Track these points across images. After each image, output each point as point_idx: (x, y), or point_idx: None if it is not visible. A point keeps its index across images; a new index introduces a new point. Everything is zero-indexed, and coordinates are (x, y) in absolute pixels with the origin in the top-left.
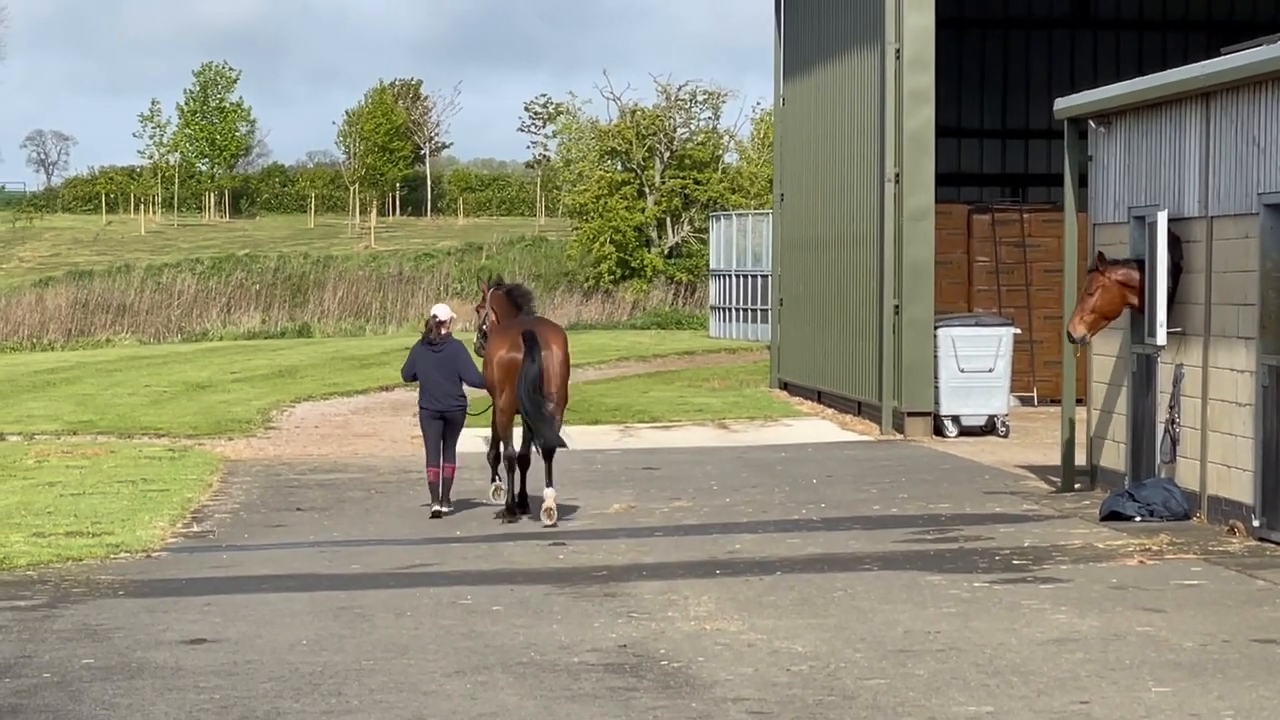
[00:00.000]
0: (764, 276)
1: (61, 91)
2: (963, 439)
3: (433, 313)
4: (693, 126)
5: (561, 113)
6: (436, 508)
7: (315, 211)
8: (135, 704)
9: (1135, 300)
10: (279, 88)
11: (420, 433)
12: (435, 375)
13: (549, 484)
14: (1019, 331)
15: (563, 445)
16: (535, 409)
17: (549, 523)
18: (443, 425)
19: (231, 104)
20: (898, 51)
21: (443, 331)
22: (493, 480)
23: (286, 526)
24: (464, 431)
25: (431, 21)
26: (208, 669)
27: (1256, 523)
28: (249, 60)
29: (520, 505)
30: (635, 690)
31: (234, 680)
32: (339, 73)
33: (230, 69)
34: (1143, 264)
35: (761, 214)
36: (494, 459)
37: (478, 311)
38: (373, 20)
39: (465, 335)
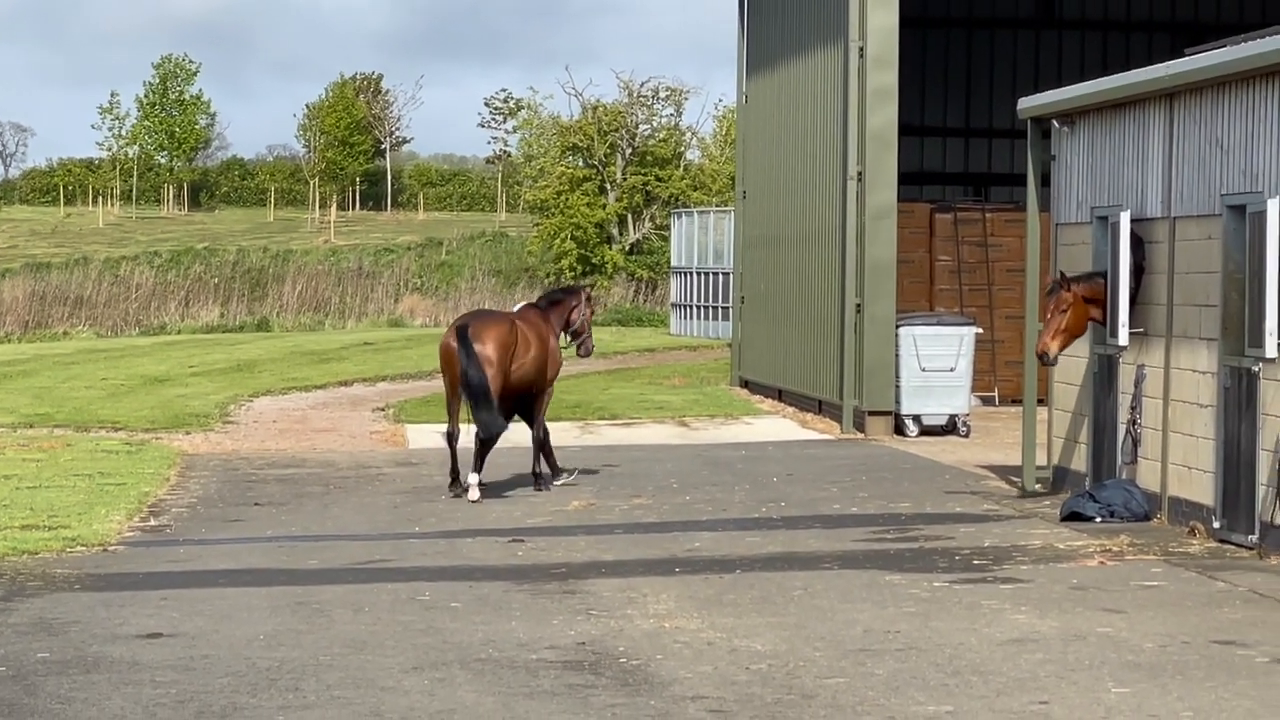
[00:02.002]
0: (725, 274)
1: (19, 83)
2: (924, 438)
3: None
4: (655, 123)
5: (522, 108)
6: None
7: (275, 205)
8: (91, 698)
9: (1097, 314)
10: (241, 80)
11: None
12: None
13: (476, 469)
14: (981, 331)
15: (489, 434)
16: (470, 400)
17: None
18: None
19: (191, 96)
20: (861, 49)
21: None
22: (560, 473)
23: (244, 521)
24: (424, 427)
25: (397, 15)
26: (164, 663)
27: (1217, 524)
28: (212, 53)
29: (454, 478)
30: (594, 688)
31: (191, 675)
32: (302, 66)
33: (190, 61)
34: (1104, 275)
35: (723, 211)
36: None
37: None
38: (338, 13)
39: (429, 331)
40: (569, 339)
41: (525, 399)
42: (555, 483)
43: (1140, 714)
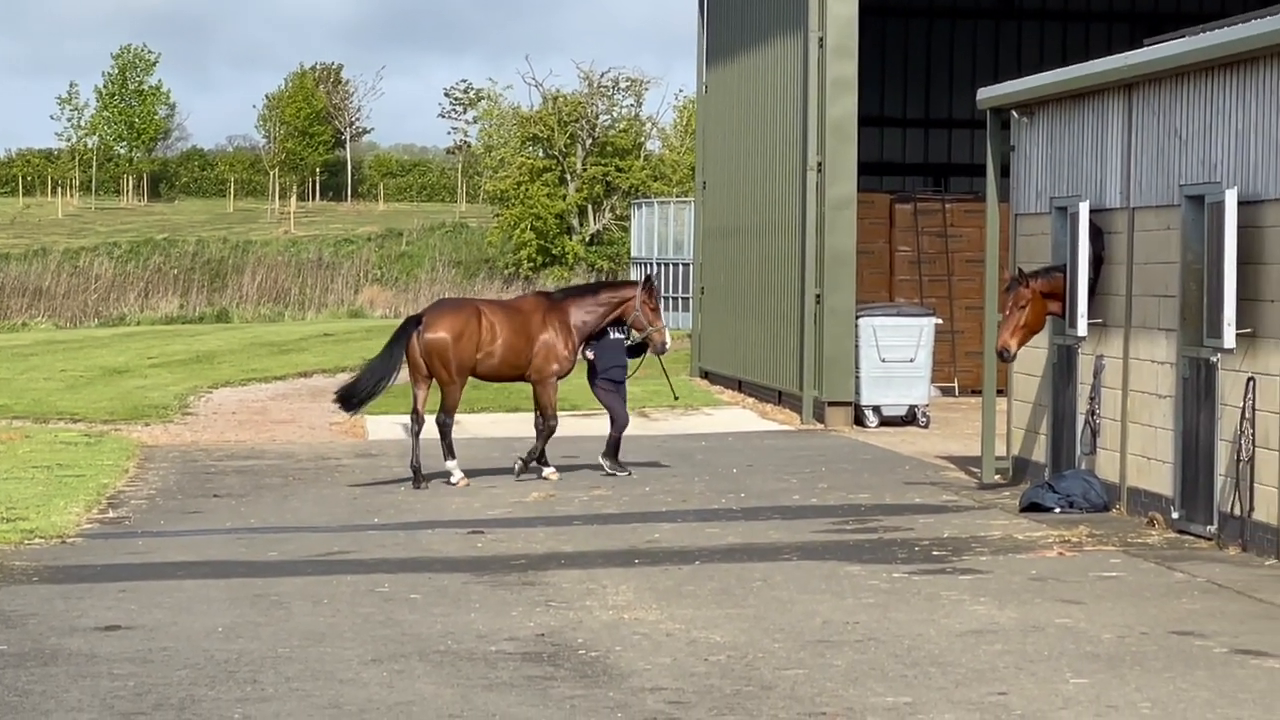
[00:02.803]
0: (685, 265)
1: None
2: (883, 429)
3: None
4: (615, 114)
5: (483, 98)
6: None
7: (234, 196)
8: (49, 691)
9: (1056, 307)
10: (202, 71)
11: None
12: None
13: (449, 456)
14: (940, 322)
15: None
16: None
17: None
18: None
19: (150, 87)
20: (821, 39)
21: None
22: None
23: (203, 513)
24: (383, 419)
25: (359, 5)
26: (122, 656)
27: (1176, 515)
28: (172, 43)
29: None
30: (553, 679)
31: (149, 668)
32: (263, 56)
33: (149, 52)
34: (1063, 269)
35: (683, 202)
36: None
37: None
38: (299, 3)
39: (389, 322)
40: (626, 335)
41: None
42: (544, 471)
43: (1099, 705)
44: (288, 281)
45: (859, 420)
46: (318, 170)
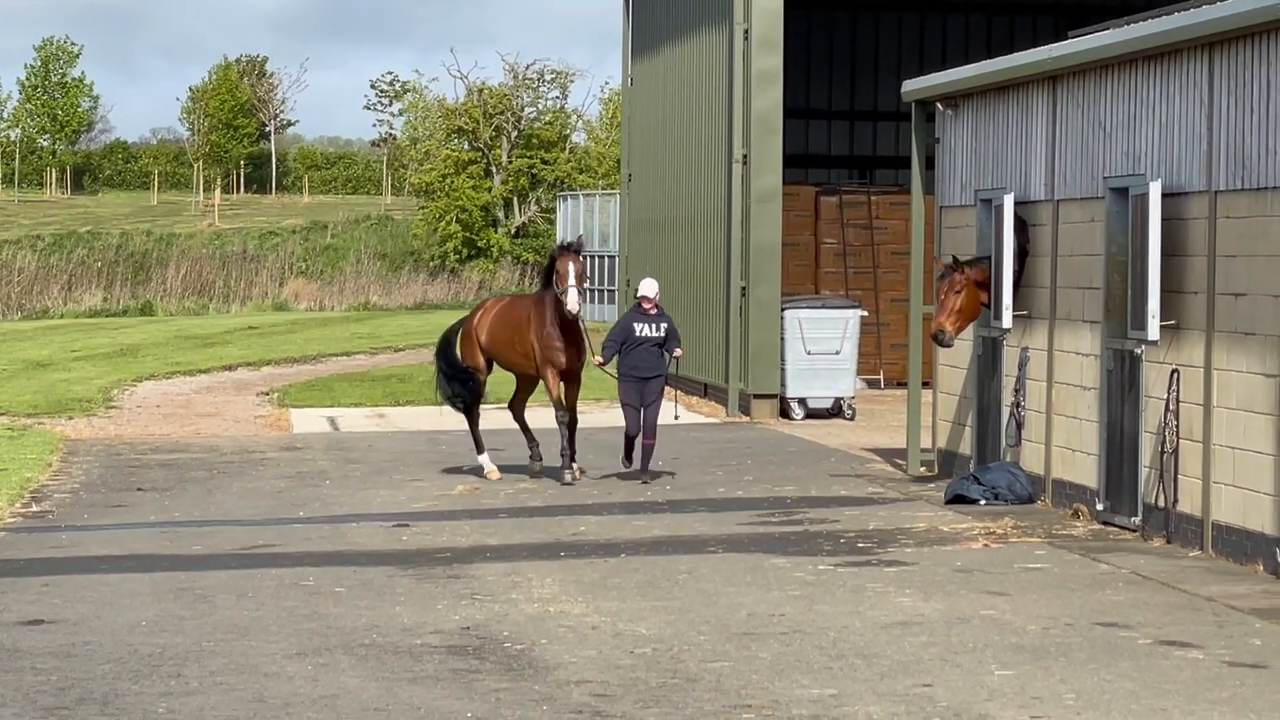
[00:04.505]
0: (611, 257)
1: None
2: (809, 421)
3: (641, 293)
4: (540, 106)
5: (408, 91)
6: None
7: (159, 189)
8: None
9: (988, 298)
10: (129, 63)
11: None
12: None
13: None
14: (866, 314)
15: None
16: None
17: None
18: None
19: (74, 80)
20: (746, 32)
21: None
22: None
23: (127, 507)
24: (308, 411)
25: None
26: (45, 650)
27: (1100, 506)
28: (98, 35)
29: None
30: (478, 672)
31: (72, 662)
32: (193, 48)
33: (72, 44)
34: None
35: (609, 194)
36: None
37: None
38: None
39: (313, 315)
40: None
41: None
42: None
43: (1023, 696)
44: (212, 275)
45: (784, 413)
46: (242, 163)
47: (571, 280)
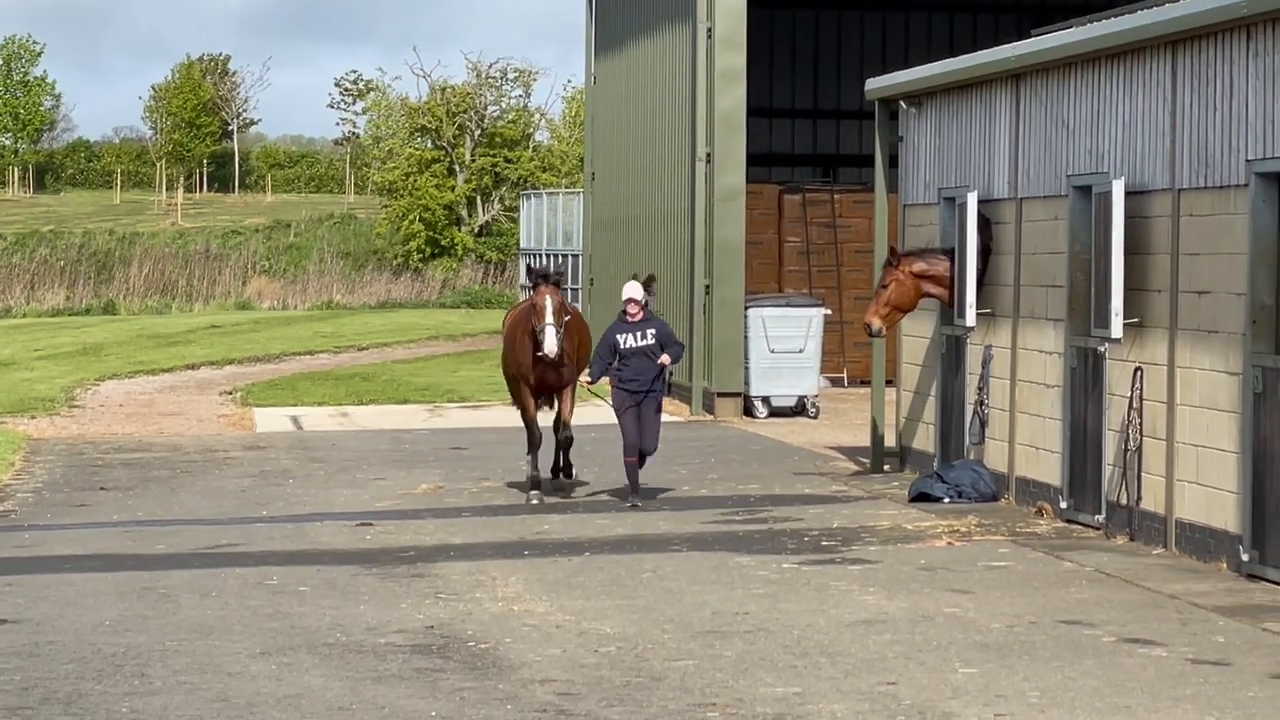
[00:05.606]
0: (575, 255)
1: None
2: (773, 420)
3: (627, 295)
4: (504, 105)
5: (372, 89)
6: (636, 502)
7: (121, 188)
8: None
9: (935, 290)
10: (93, 61)
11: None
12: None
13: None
14: (829, 312)
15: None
16: None
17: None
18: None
19: (35, 78)
20: (709, 30)
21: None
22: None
23: (90, 506)
24: (271, 410)
25: None
26: (8, 650)
27: (1064, 504)
28: (61, 34)
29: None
30: (442, 671)
31: (35, 662)
32: (156, 46)
33: (34, 43)
34: (945, 252)
35: (572, 193)
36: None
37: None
38: None
39: (276, 314)
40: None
41: None
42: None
43: (988, 694)
44: (175, 273)
45: (748, 411)
46: (205, 162)
47: (549, 318)
